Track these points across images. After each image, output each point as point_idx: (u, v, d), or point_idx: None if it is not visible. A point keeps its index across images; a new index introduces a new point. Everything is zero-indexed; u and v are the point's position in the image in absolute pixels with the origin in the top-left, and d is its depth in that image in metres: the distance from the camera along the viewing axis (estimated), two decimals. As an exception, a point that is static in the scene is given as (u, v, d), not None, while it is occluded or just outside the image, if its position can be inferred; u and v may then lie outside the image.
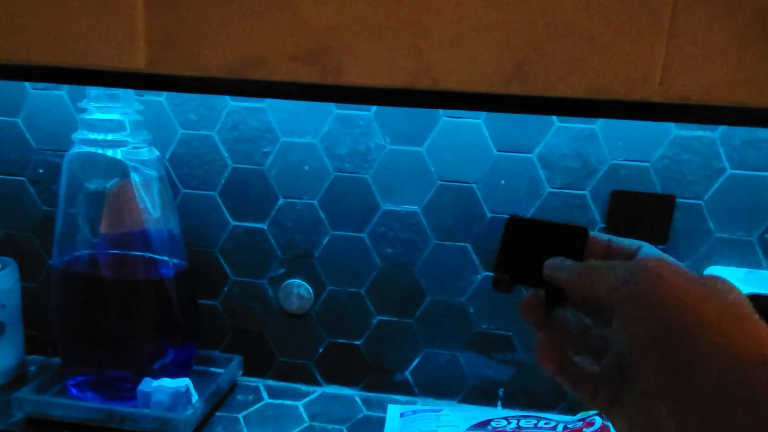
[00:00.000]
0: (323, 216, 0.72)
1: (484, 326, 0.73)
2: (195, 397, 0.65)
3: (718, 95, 0.45)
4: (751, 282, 0.62)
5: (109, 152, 0.63)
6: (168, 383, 0.64)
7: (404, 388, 0.76)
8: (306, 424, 0.69)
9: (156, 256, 0.65)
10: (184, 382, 0.64)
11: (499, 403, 0.75)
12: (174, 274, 0.65)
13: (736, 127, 0.64)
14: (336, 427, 0.69)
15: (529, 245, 0.40)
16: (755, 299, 0.33)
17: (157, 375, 0.66)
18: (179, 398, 0.64)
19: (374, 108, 0.67)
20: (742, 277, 0.63)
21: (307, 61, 0.44)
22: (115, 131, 0.62)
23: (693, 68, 0.44)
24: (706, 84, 0.44)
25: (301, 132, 0.69)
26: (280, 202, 0.72)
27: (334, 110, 0.68)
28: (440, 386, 0.76)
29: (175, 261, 0.66)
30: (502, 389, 0.74)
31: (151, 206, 0.64)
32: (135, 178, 0.63)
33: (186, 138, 0.71)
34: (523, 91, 0.46)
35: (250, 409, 0.71)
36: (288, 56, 0.44)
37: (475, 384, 0.75)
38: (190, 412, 0.63)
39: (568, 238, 0.38)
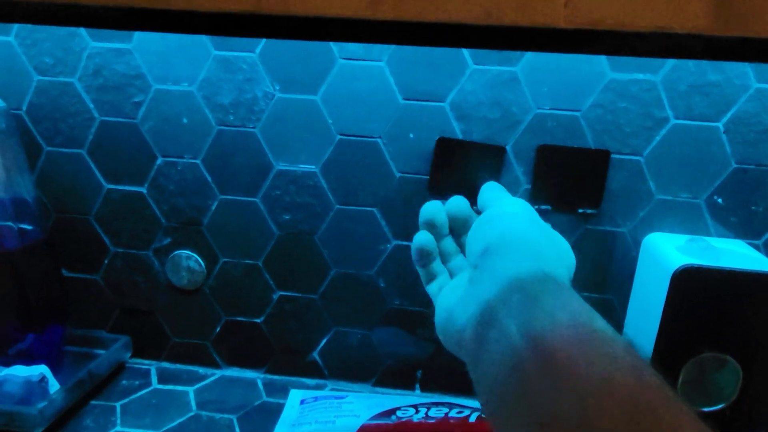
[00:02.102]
0: (209, 177, 0.62)
1: (397, 302, 0.64)
2: (55, 386, 0.57)
3: (637, 18, 0.35)
4: (693, 252, 0.53)
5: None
6: (20, 371, 0.56)
7: (313, 371, 0.68)
8: (191, 414, 0.61)
9: None
10: (38, 370, 0.56)
11: (417, 386, 0.67)
12: (23, 245, 0.56)
13: (682, 69, 0.54)
14: (225, 416, 0.61)
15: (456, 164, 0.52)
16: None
17: (13, 361, 0.57)
18: (33, 388, 0.55)
19: (259, 48, 0.57)
20: (684, 245, 0.54)
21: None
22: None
23: None
24: (621, 3, 0.34)
25: (176, 78, 0.59)
26: (159, 161, 0.62)
27: (213, 51, 0.58)
28: (352, 368, 0.67)
29: (26, 230, 0.57)
30: (420, 371, 0.66)
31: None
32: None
33: (43, 86, 0.60)
34: (395, 16, 0.36)
35: (132, 397, 0.63)
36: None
37: (391, 365, 0.67)
38: (43, 404, 0.54)
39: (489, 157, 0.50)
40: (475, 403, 0.62)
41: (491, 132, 0.57)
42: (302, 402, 0.62)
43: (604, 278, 0.60)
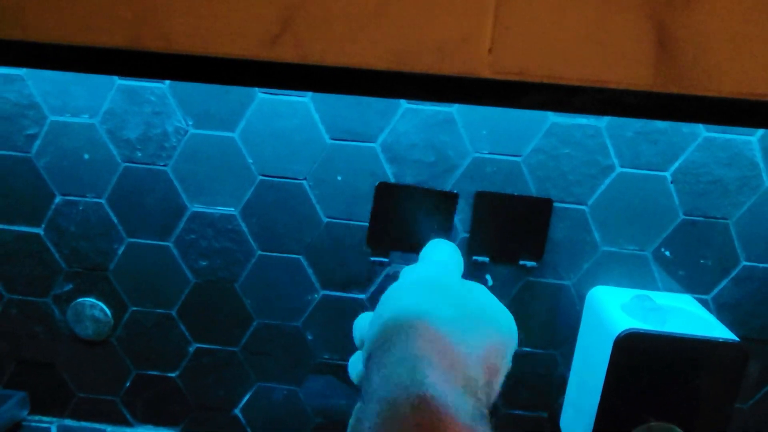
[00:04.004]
0: (115, 219, 0.55)
1: (326, 356, 0.59)
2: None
3: (570, 70, 0.31)
4: (637, 312, 0.49)
5: None
6: None
7: (234, 429, 0.62)
8: (90, 485, 0.54)
9: None
10: None
11: (349, 445, 0.61)
12: None
13: (627, 113, 0.50)
14: (129, 487, 0.54)
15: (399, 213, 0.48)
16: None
17: None
18: None
19: (168, 80, 0.51)
20: (629, 303, 0.50)
21: None
22: None
23: (534, 31, 0.30)
24: (553, 53, 0.30)
25: (75, 109, 0.52)
26: (58, 199, 0.55)
27: (117, 80, 0.51)
28: (278, 426, 0.62)
29: None
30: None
31: None
32: None
33: None
34: (294, 57, 0.31)
35: (25, 464, 0.56)
36: None
37: (320, 422, 0.61)
38: None
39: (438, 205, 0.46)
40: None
41: (425, 176, 0.52)
42: (218, 469, 0.56)
43: (548, 333, 0.56)
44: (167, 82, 0.51)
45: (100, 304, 0.58)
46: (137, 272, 0.57)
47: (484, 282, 0.55)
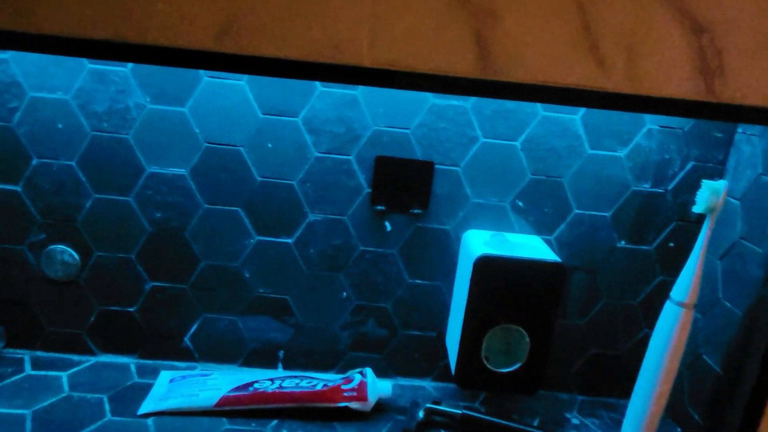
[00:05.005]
0: (83, 178, 0.68)
1: (261, 290, 0.73)
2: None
3: (422, 61, 0.46)
4: (492, 244, 0.66)
5: None
6: None
7: (184, 355, 0.75)
8: (64, 395, 0.66)
9: None
10: None
11: (280, 365, 0.76)
12: None
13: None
14: (96, 396, 0.66)
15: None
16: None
17: None
18: None
19: (131, 64, 0.64)
20: (488, 239, 0.68)
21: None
22: None
23: (402, 32, 0.45)
24: (413, 49, 0.46)
25: (51, 87, 0.64)
26: (34, 161, 0.67)
27: (87, 65, 0.64)
28: (220, 351, 0.75)
29: None
30: (282, 351, 0.75)
31: None
32: None
33: None
34: (237, 49, 0.45)
35: (5, 382, 0.67)
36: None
37: (256, 347, 0.75)
38: None
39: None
40: (324, 376, 0.72)
41: (338, 144, 0.68)
42: (171, 380, 0.69)
43: (434, 268, 0.73)
44: (129, 66, 0.64)
45: (69, 249, 0.70)
46: (102, 223, 0.69)
47: (384, 228, 0.71)
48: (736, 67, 0.47)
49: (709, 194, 0.59)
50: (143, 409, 0.64)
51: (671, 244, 0.73)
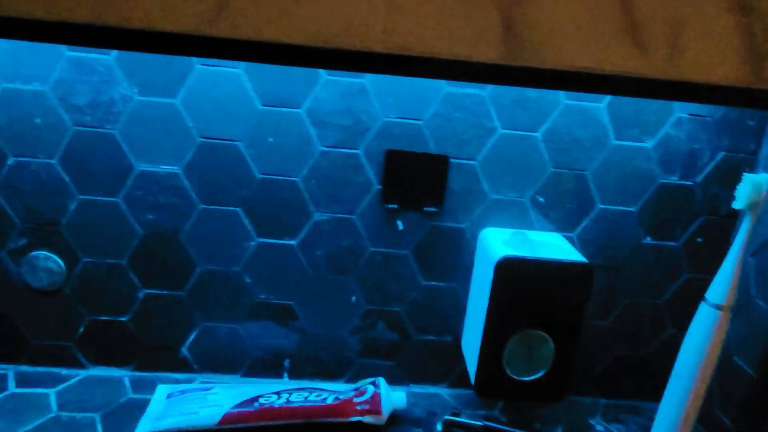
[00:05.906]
0: (66, 178, 0.61)
1: (263, 296, 0.68)
2: None
3: (442, 46, 0.41)
4: (513, 244, 0.61)
5: None
6: None
7: (182, 366, 0.70)
8: (51, 415, 0.61)
9: None
10: None
11: (286, 374, 0.71)
12: None
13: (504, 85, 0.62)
14: (87, 415, 0.61)
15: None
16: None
17: None
18: None
19: (114, 52, 0.58)
20: (508, 238, 0.63)
21: None
22: None
23: (417, 18, 0.40)
24: (432, 32, 0.40)
25: (26, 77, 0.58)
26: (10, 161, 0.61)
27: (66, 52, 0.58)
28: (221, 361, 0.70)
29: None
30: (288, 360, 0.71)
31: None
32: None
33: None
34: (232, 34, 0.39)
35: (-14, 402, 0.62)
36: None
37: (259, 356, 0.70)
38: None
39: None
40: (334, 387, 0.67)
41: (344, 137, 0.62)
42: (169, 396, 0.64)
43: (449, 269, 0.68)
44: (113, 53, 0.58)
45: (54, 256, 0.64)
46: (89, 226, 0.63)
47: (396, 227, 0.66)
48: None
49: (750, 189, 0.55)
50: (139, 429, 0.59)
51: (699, 240, 0.68)
